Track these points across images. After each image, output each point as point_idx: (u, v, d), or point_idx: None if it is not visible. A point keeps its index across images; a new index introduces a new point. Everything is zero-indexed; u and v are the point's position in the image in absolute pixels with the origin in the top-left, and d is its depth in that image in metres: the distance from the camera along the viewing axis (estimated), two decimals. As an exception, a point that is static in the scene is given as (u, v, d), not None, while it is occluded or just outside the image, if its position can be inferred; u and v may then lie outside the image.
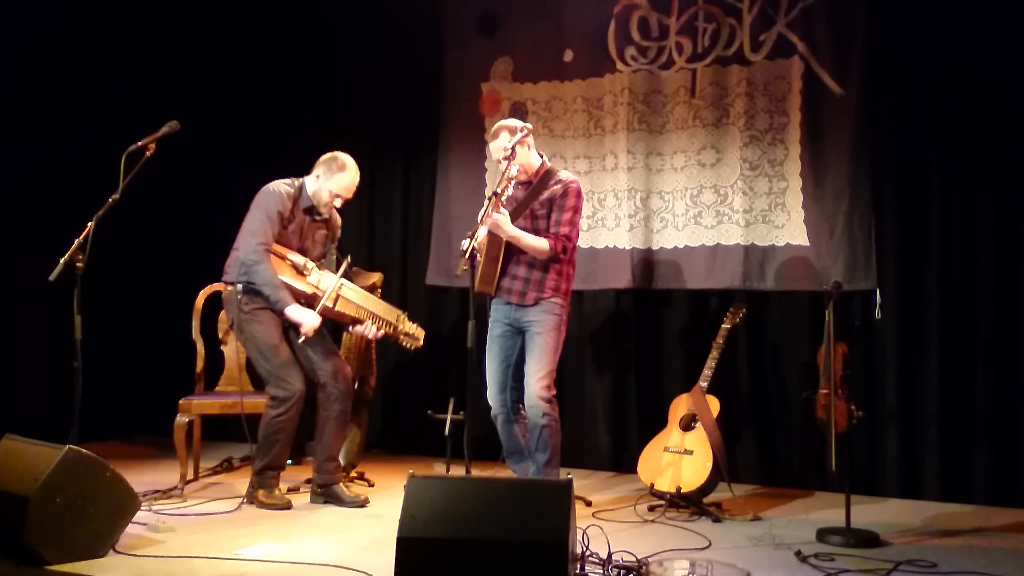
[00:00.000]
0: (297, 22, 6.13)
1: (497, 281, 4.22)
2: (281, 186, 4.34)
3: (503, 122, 4.29)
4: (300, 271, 4.29)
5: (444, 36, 5.78)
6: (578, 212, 4.22)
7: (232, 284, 4.30)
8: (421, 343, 4.43)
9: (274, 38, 6.18)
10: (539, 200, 4.20)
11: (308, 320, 4.19)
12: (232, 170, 5.75)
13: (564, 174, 4.28)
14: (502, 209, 4.03)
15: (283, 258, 4.30)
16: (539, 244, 4.13)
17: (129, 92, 6.04)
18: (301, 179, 4.41)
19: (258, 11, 6.18)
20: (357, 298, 4.35)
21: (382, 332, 4.36)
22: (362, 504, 4.36)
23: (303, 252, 4.38)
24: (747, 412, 5.04)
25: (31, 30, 5.55)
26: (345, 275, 4.36)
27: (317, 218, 4.44)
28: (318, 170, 4.37)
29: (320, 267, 4.38)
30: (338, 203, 4.41)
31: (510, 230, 4.06)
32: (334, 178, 4.34)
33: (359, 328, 4.35)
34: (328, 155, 4.39)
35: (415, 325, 4.44)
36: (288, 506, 4.26)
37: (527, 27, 5.55)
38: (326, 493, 4.37)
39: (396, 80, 5.91)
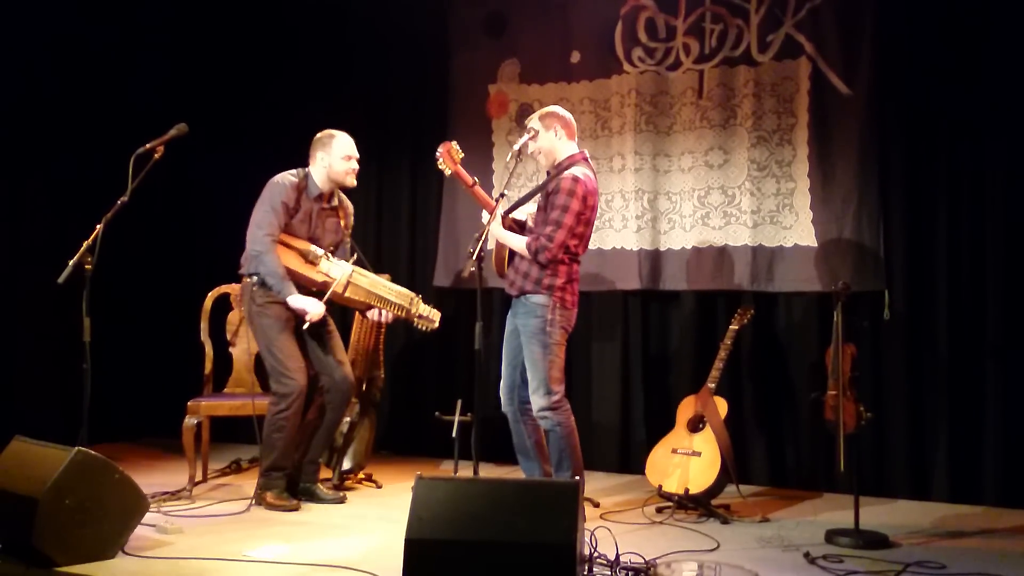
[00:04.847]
0: (305, 24, 6.14)
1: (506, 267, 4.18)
2: (286, 177, 4.37)
3: (548, 109, 4.17)
4: (309, 260, 4.31)
5: (451, 38, 5.79)
6: (569, 211, 3.90)
7: (248, 276, 4.33)
8: (437, 324, 4.40)
9: (282, 41, 6.19)
10: (543, 194, 4.09)
11: (312, 307, 4.23)
12: (240, 172, 5.73)
13: (574, 169, 4.01)
14: (497, 213, 3.99)
15: (290, 247, 4.32)
16: (521, 244, 4.04)
17: (137, 94, 6.06)
18: (306, 169, 4.43)
19: (266, 14, 6.19)
20: (368, 284, 4.37)
21: (392, 316, 4.38)
22: (341, 500, 4.44)
23: (314, 240, 4.39)
24: (755, 413, 5.03)
25: (39, 32, 5.56)
26: (358, 263, 4.39)
27: (326, 206, 4.45)
28: (316, 154, 4.40)
29: (330, 256, 4.38)
30: (354, 165, 4.40)
31: (499, 234, 4.06)
32: (333, 148, 4.37)
33: (371, 314, 4.38)
34: (315, 139, 4.42)
35: (430, 307, 4.41)
36: (296, 507, 4.26)
37: (534, 29, 5.55)
38: (305, 492, 4.41)
39: (403, 82, 5.92)
